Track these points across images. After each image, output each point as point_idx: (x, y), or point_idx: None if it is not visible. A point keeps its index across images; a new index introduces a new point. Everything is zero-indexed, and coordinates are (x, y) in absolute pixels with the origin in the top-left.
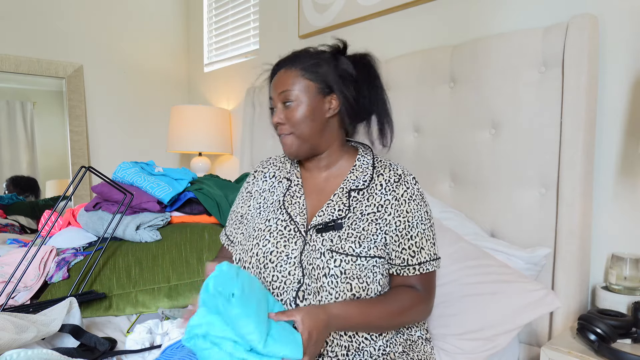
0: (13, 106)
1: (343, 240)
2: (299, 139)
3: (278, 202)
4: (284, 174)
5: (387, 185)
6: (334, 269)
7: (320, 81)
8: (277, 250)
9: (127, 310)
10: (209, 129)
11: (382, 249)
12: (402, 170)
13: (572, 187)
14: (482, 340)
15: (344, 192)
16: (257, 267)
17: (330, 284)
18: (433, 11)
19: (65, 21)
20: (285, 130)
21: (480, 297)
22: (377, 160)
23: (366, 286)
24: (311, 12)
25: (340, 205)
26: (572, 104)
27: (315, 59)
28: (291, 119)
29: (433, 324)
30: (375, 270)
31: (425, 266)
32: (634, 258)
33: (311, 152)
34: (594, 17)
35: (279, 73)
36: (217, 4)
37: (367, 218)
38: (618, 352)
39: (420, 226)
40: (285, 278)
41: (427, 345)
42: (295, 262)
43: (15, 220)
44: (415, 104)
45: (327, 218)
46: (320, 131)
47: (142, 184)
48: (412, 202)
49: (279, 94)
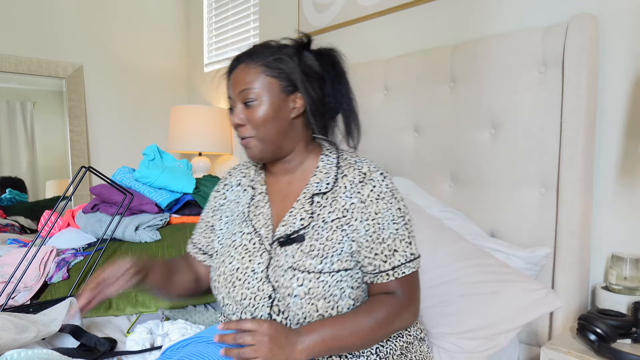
0: (13, 106)
1: (305, 255)
2: (262, 142)
3: (243, 214)
4: (248, 182)
5: (351, 186)
6: (297, 289)
7: (283, 78)
8: (242, 266)
9: (127, 310)
10: (209, 129)
11: (347, 260)
12: (367, 168)
13: (572, 187)
14: (482, 340)
15: (307, 197)
16: (226, 287)
17: (295, 304)
18: (433, 11)
19: (65, 21)
20: (246, 132)
21: (480, 297)
22: (343, 159)
23: (334, 305)
24: (311, 12)
25: (302, 213)
26: (572, 104)
27: (277, 54)
28: (252, 119)
29: (432, 322)
30: (342, 286)
31: (401, 269)
32: (634, 258)
33: (275, 155)
34: (594, 17)
35: (237, 69)
36: (217, 4)
37: (331, 225)
38: (618, 352)
39: (391, 226)
40: (254, 294)
41: (423, 345)
42: (262, 277)
43: (15, 221)
44: (415, 104)
45: (289, 229)
46: (285, 132)
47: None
48: (380, 201)
49: (239, 93)
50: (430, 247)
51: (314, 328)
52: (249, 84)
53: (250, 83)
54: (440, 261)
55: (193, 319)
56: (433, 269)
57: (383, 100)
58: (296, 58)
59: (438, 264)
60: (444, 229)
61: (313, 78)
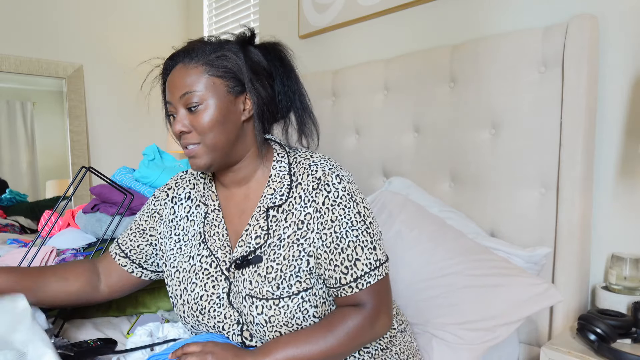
0: (13, 106)
1: (262, 280)
2: (210, 150)
3: (199, 235)
4: (198, 197)
5: (305, 195)
6: (258, 317)
7: (229, 78)
8: (206, 293)
9: (127, 310)
10: None
11: (307, 278)
12: (322, 171)
13: (572, 187)
14: (483, 331)
15: (261, 212)
16: (194, 316)
17: (259, 332)
18: (433, 11)
19: (65, 21)
20: (191, 139)
21: (482, 289)
22: (296, 163)
23: (297, 328)
24: (311, 12)
25: (257, 230)
26: (572, 104)
27: (220, 51)
28: (198, 126)
29: (433, 313)
30: (304, 307)
31: (365, 279)
32: (634, 258)
33: (224, 164)
34: (594, 17)
35: (175, 70)
36: (217, 4)
37: (287, 242)
38: (618, 352)
39: (350, 234)
40: (222, 323)
41: (405, 335)
42: (225, 303)
43: (15, 221)
44: (415, 104)
45: (246, 249)
46: (235, 138)
47: (140, 189)
48: (336, 207)
49: (180, 98)
50: (432, 243)
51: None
52: (191, 86)
53: (192, 85)
54: (442, 255)
55: None
56: (435, 262)
57: (383, 100)
58: (241, 54)
59: (440, 257)
60: (446, 226)
61: (261, 75)
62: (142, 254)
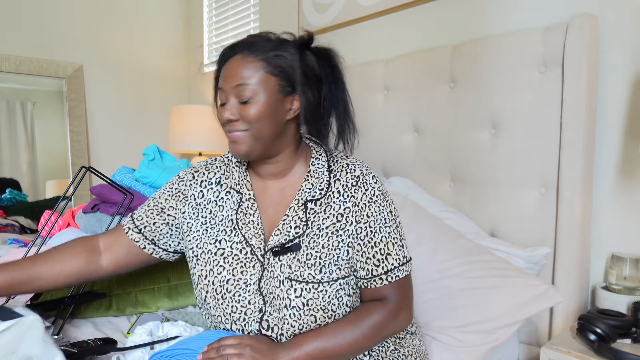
0: (13, 106)
1: (302, 265)
2: (252, 139)
3: (231, 222)
4: (232, 184)
5: (344, 191)
6: (295, 300)
7: (283, 77)
8: (234, 277)
9: (127, 310)
10: (209, 129)
11: (345, 267)
12: (360, 170)
13: (572, 187)
14: (483, 333)
15: (300, 204)
16: (215, 298)
17: (293, 316)
18: (433, 11)
19: (65, 21)
20: (237, 126)
21: (481, 291)
22: (334, 162)
23: (332, 314)
24: (311, 12)
25: (296, 221)
26: (572, 104)
27: (279, 50)
28: (245, 116)
29: (433, 315)
30: (340, 294)
31: (394, 273)
32: (634, 258)
33: (263, 155)
34: (594, 17)
35: (234, 59)
36: (217, 4)
37: (326, 232)
38: (618, 352)
39: (384, 230)
40: (245, 308)
41: (415, 339)
42: (254, 289)
43: (15, 221)
44: (415, 104)
45: (284, 238)
46: (276, 134)
47: (140, 189)
48: (372, 204)
49: (233, 88)
50: (432, 243)
51: (299, 342)
52: (246, 78)
53: (248, 78)
54: (442, 256)
55: (193, 320)
56: (435, 263)
57: (383, 100)
58: (297, 57)
59: (440, 259)
60: (445, 227)
61: (312, 80)
62: (156, 232)
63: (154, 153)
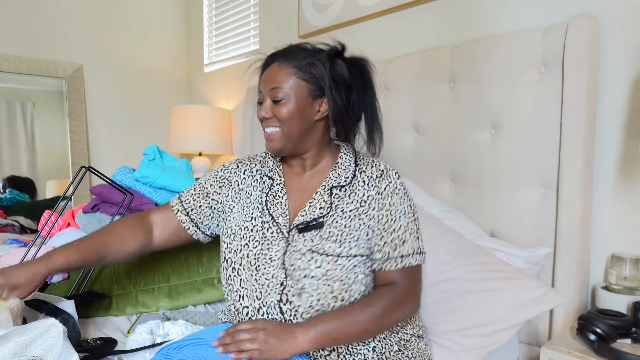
0: (13, 106)
1: (324, 240)
2: (284, 137)
3: (260, 203)
4: (266, 171)
5: (369, 181)
6: (315, 270)
7: (313, 83)
8: (262, 252)
9: (128, 310)
10: (209, 129)
11: (364, 246)
12: (384, 166)
13: (572, 187)
14: (483, 337)
15: (326, 189)
16: (249, 270)
17: (312, 285)
18: (433, 11)
19: (65, 21)
20: (271, 123)
21: (481, 294)
22: (360, 158)
23: (347, 287)
24: (311, 12)
25: (322, 203)
26: (572, 104)
27: (311, 58)
28: (278, 115)
29: (433, 320)
30: (357, 270)
31: (408, 260)
32: (634, 258)
33: (294, 151)
34: (594, 17)
35: (271, 66)
36: (217, 4)
37: (349, 215)
38: (618, 352)
39: (403, 219)
40: (268, 281)
41: (421, 342)
42: (277, 264)
43: (15, 221)
44: (415, 104)
45: (309, 217)
46: (306, 132)
47: (140, 189)
48: (394, 195)
49: (269, 90)
50: (431, 245)
51: (315, 322)
52: (280, 83)
53: (281, 82)
54: (441, 259)
55: (194, 319)
56: (434, 266)
57: (383, 100)
58: (328, 65)
59: (439, 261)
60: (445, 228)
61: (341, 86)
62: (201, 215)
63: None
